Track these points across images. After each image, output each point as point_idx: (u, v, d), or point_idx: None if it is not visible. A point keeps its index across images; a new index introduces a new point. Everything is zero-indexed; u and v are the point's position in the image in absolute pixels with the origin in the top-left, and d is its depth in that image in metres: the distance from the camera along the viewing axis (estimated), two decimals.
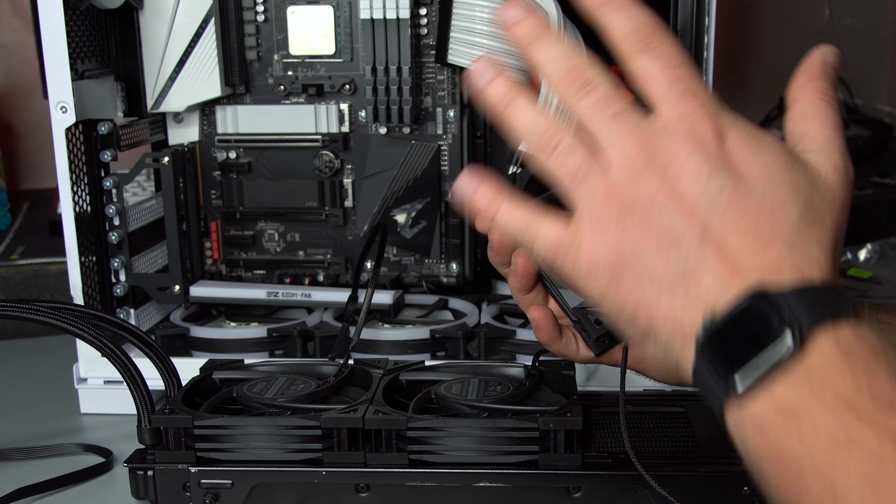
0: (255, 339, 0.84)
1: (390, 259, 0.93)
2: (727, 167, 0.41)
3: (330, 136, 0.89)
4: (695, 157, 0.41)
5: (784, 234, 0.39)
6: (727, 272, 0.39)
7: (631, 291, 0.41)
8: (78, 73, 0.78)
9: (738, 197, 0.40)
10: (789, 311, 0.37)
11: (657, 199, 0.41)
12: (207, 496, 0.62)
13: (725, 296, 0.39)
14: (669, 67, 0.43)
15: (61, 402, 0.84)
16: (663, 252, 0.40)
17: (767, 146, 0.42)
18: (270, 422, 0.62)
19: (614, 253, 0.42)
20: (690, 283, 0.40)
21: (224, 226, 0.93)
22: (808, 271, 0.39)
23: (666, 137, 0.42)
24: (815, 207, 0.41)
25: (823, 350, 0.36)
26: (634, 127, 0.42)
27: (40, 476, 0.69)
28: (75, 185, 0.78)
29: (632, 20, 0.44)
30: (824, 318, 0.37)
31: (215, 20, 0.85)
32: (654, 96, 0.43)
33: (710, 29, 0.84)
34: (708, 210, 0.40)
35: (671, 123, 0.42)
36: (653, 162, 0.41)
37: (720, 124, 0.42)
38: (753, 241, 0.39)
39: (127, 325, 0.68)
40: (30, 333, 1.04)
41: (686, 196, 0.40)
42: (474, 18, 0.78)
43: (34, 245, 1.12)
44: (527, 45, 0.46)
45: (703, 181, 0.40)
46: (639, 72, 0.43)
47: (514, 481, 0.60)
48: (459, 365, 0.72)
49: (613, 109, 0.43)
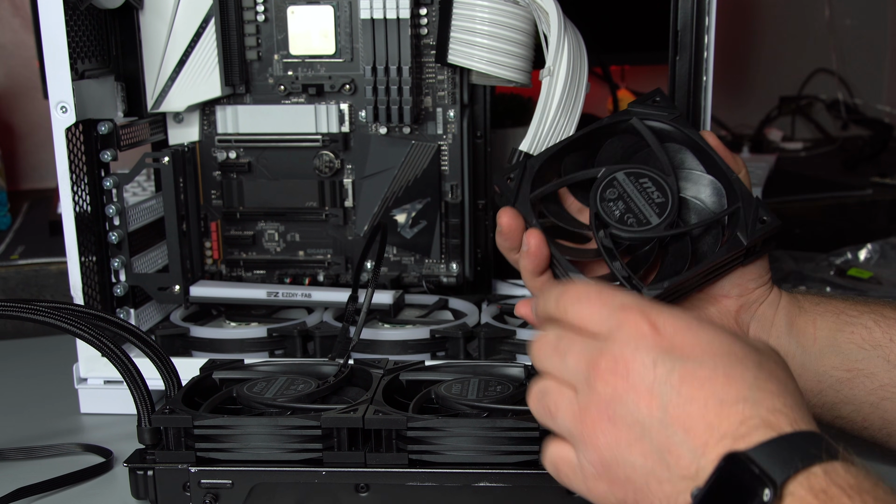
0: (255, 339, 0.84)
1: (390, 259, 0.93)
2: (671, 351, 0.44)
3: (330, 136, 0.89)
4: (639, 351, 0.44)
5: (745, 393, 0.42)
6: (699, 443, 0.42)
7: (625, 488, 0.45)
8: (78, 73, 0.78)
9: (690, 373, 0.43)
10: (760, 469, 0.39)
11: (615, 398, 0.44)
12: (207, 496, 0.62)
13: (705, 466, 0.41)
14: (592, 304, 0.47)
15: (61, 402, 0.84)
16: (636, 443, 0.44)
17: (705, 326, 0.45)
18: (270, 422, 0.62)
19: (599, 461, 0.45)
20: (670, 463, 0.43)
21: (224, 226, 0.93)
22: (776, 423, 0.41)
23: (609, 346, 0.45)
24: (766, 367, 0.44)
25: (799, 499, 0.39)
26: (583, 350, 0.47)
27: (40, 476, 0.69)
28: (75, 185, 0.78)
29: (546, 302, 0.50)
30: (796, 467, 0.39)
31: (215, 20, 0.85)
32: (594, 329, 0.47)
33: (710, 29, 0.84)
34: (663, 392, 0.43)
35: (611, 334, 0.46)
36: (604, 369, 0.45)
37: (653, 317, 0.45)
38: (717, 408, 0.42)
39: (127, 325, 0.68)
40: (30, 333, 1.04)
41: (640, 387, 0.44)
42: (474, 18, 0.78)
43: (34, 245, 1.12)
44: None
45: (651, 369, 0.44)
46: (575, 322, 0.48)
47: (514, 481, 0.60)
48: (459, 365, 0.72)
49: (570, 351, 0.48)
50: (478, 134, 0.91)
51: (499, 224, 0.62)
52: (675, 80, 0.88)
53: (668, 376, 0.43)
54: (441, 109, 0.89)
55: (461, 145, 0.90)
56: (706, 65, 0.86)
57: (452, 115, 0.89)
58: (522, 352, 0.81)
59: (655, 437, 0.43)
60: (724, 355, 0.44)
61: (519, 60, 0.78)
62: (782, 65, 1.80)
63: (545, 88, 0.74)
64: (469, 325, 0.84)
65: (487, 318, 0.85)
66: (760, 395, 0.42)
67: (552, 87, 0.74)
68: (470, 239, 0.92)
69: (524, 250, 0.61)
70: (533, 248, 0.60)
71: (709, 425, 0.42)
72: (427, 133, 0.89)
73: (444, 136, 0.89)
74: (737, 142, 1.62)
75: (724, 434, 0.41)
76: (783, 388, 0.43)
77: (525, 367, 0.70)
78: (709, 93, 0.87)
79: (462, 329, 0.83)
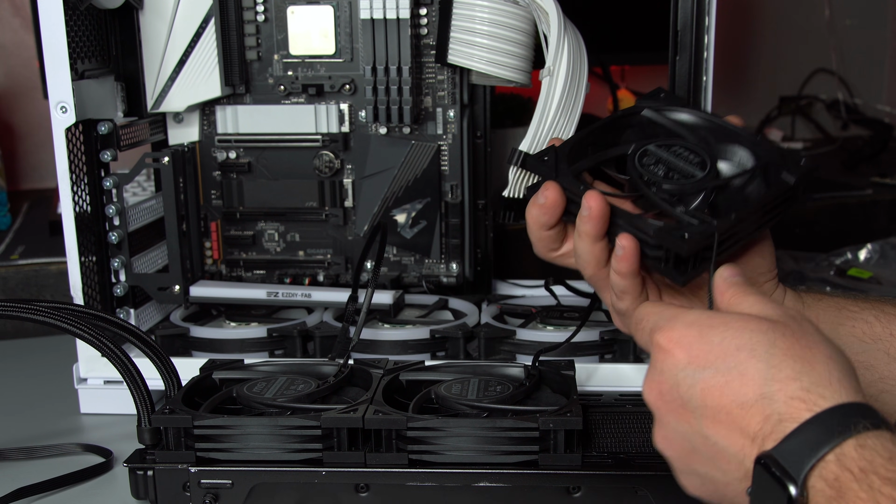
0: (255, 339, 0.84)
1: (390, 259, 0.93)
2: (690, 364, 0.47)
3: (330, 136, 0.89)
4: (664, 373, 0.48)
5: (761, 390, 0.44)
6: (738, 448, 0.44)
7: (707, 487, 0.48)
8: (78, 73, 0.78)
9: (709, 383, 0.46)
10: (783, 469, 0.42)
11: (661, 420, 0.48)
12: (207, 496, 0.62)
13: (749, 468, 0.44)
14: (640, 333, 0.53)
15: (61, 402, 0.84)
16: (692, 456, 0.47)
17: (716, 326, 0.47)
18: (270, 422, 0.62)
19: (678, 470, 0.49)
20: (724, 469, 0.45)
21: (224, 226, 0.93)
22: (795, 413, 0.43)
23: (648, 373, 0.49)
24: (780, 347, 0.45)
25: (819, 492, 0.41)
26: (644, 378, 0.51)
27: (40, 476, 0.69)
28: (75, 185, 0.78)
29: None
30: (812, 459, 0.41)
31: (215, 20, 0.85)
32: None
33: (710, 29, 0.84)
34: (695, 407, 0.46)
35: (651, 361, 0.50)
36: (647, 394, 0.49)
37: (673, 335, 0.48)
38: (740, 413, 0.44)
39: (127, 325, 0.68)
40: (30, 333, 1.04)
41: (674, 405, 0.47)
42: (474, 18, 0.78)
43: (34, 245, 1.12)
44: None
45: (677, 388, 0.47)
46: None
47: (513, 481, 0.60)
48: (459, 365, 0.72)
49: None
50: (478, 134, 0.91)
51: (540, 199, 0.61)
52: (675, 80, 0.88)
53: (691, 391, 0.46)
54: (441, 109, 0.89)
55: (461, 145, 0.90)
56: (706, 65, 0.86)
57: (452, 115, 0.89)
58: (522, 352, 0.81)
59: (703, 449, 0.46)
60: (734, 353, 0.45)
61: (519, 60, 0.78)
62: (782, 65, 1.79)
63: (545, 88, 0.74)
64: (469, 325, 0.84)
65: (487, 318, 0.85)
66: (776, 386, 0.44)
67: (552, 87, 0.74)
68: (470, 239, 0.92)
69: (584, 214, 0.59)
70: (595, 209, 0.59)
71: (741, 430, 0.44)
72: (427, 133, 0.89)
73: (443, 136, 0.89)
74: None
75: (754, 435, 0.43)
76: (800, 368, 0.44)
77: (525, 366, 0.70)
78: (709, 93, 0.87)
79: (462, 329, 0.82)
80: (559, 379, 0.68)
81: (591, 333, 0.81)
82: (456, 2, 0.78)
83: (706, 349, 0.46)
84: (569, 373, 0.68)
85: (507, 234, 1.08)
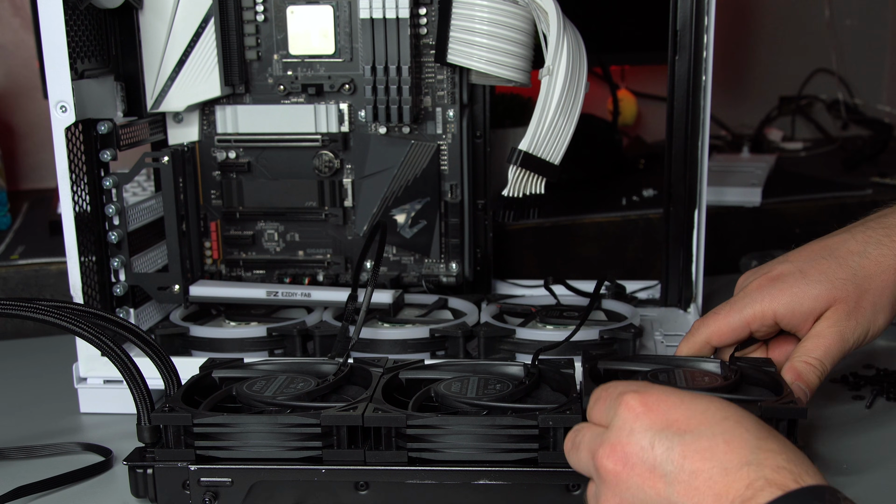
0: (254, 339, 0.84)
1: (390, 259, 0.93)
2: (667, 427, 0.46)
3: (330, 136, 0.90)
4: (634, 434, 0.46)
5: (748, 457, 0.44)
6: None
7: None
8: (78, 72, 0.78)
9: (690, 447, 0.45)
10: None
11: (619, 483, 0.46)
12: (207, 494, 0.62)
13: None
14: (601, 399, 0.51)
15: (61, 402, 0.84)
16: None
17: (698, 397, 0.47)
18: (270, 420, 0.62)
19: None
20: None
21: (224, 226, 0.93)
22: (781, 481, 0.42)
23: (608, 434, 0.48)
24: (765, 425, 0.46)
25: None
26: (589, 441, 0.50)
27: (40, 475, 0.69)
28: (75, 185, 0.78)
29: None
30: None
31: (215, 20, 0.86)
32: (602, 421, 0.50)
33: (710, 29, 0.85)
34: (667, 471, 0.45)
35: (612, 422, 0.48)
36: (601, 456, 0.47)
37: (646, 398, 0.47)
38: (722, 477, 0.43)
39: (127, 325, 0.68)
40: (30, 333, 1.04)
41: (640, 468, 0.46)
42: (474, 18, 0.78)
43: (34, 245, 1.12)
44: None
45: (650, 450, 0.46)
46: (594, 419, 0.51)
47: (513, 479, 0.61)
48: (459, 364, 0.72)
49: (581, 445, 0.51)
50: (477, 134, 0.91)
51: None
52: (675, 80, 0.88)
53: (668, 454, 0.45)
54: (440, 109, 0.89)
55: (461, 145, 0.90)
56: (706, 65, 0.86)
57: (452, 114, 0.89)
58: (521, 351, 0.81)
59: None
60: (721, 422, 0.45)
61: (518, 60, 0.79)
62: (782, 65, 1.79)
63: (544, 88, 0.74)
64: (469, 324, 0.84)
65: (487, 317, 0.85)
66: (763, 455, 0.44)
67: (551, 87, 0.74)
68: (469, 238, 0.92)
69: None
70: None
71: (717, 496, 0.43)
72: (426, 133, 0.89)
73: (443, 136, 0.90)
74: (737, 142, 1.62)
75: (732, 500, 0.43)
76: (785, 445, 0.44)
77: (524, 365, 0.70)
78: (708, 93, 0.87)
79: (462, 328, 0.83)
80: (559, 377, 0.68)
81: (591, 332, 0.81)
82: (455, 1, 0.78)
83: (687, 415, 0.46)
84: (568, 371, 0.68)
85: (506, 234, 1.08)
